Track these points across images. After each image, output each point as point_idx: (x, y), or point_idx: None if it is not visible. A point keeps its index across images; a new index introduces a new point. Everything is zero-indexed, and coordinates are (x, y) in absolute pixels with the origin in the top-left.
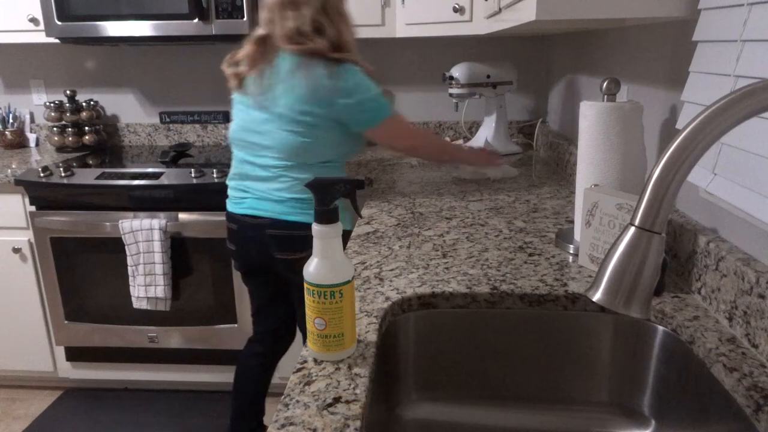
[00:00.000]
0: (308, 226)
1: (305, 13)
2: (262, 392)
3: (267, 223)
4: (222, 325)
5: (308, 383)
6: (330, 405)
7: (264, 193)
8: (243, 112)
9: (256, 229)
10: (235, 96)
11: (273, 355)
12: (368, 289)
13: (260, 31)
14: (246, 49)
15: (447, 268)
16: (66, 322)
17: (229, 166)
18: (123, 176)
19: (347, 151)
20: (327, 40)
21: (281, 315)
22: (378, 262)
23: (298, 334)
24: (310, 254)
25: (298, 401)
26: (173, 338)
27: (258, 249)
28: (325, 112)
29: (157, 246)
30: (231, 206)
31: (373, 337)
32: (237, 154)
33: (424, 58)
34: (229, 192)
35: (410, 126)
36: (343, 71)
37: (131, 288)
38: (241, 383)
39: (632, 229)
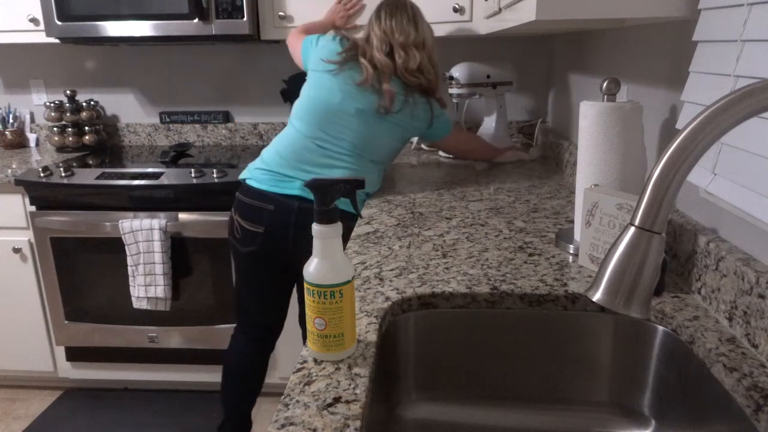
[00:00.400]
0: (352, 217)
1: (420, 56)
2: (257, 389)
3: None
4: (222, 325)
5: (308, 383)
6: (330, 405)
7: (323, 176)
8: (343, 94)
9: (302, 212)
10: (331, 71)
11: (267, 349)
12: (368, 289)
13: (385, 47)
14: (375, 61)
15: (447, 268)
16: (66, 322)
17: (229, 166)
18: (123, 176)
19: (395, 156)
20: (424, 75)
21: (282, 310)
22: (378, 262)
23: (294, 333)
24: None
25: (298, 401)
26: (173, 338)
27: (298, 235)
28: (419, 131)
29: (157, 246)
30: (267, 185)
31: (373, 337)
32: (312, 127)
33: None
34: (264, 171)
35: (466, 133)
36: (436, 104)
37: (131, 288)
38: (236, 382)
39: (632, 229)
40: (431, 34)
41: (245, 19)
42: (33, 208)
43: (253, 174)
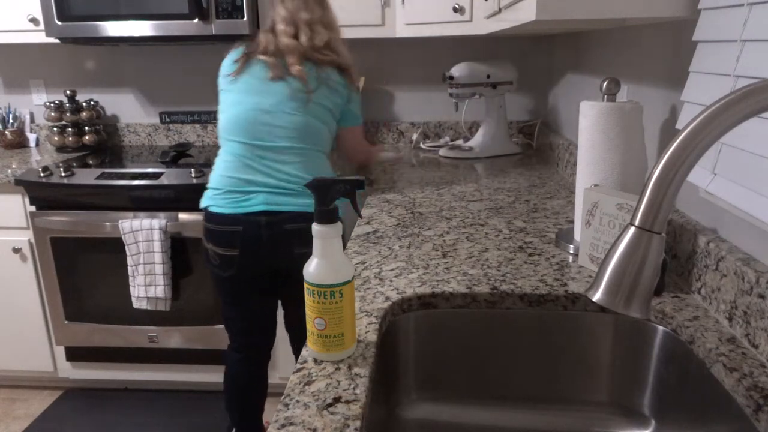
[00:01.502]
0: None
1: (328, 34)
2: (262, 400)
3: (285, 218)
4: (222, 325)
5: (308, 383)
6: (330, 405)
7: (279, 182)
8: (253, 97)
9: (272, 226)
10: (236, 84)
11: (263, 362)
12: (368, 289)
13: (289, 29)
14: (280, 42)
15: (447, 268)
16: (66, 322)
17: None
18: (123, 176)
19: (331, 146)
20: (336, 54)
21: (272, 322)
22: (378, 262)
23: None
24: None
25: (298, 401)
26: (173, 338)
27: (272, 248)
28: (342, 104)
29: (157, 246)
30: (229, 208)
31: (373, 337)
32: (244, 141)
33: (424, 58)
34: (221, 194)
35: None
36: (351, 81)
37: (131, 288)
38: (239, 399)
39: (632, 229)
40: (337, 22)
41: (245, 19)
42: (33, 208)
43: (213, 200)
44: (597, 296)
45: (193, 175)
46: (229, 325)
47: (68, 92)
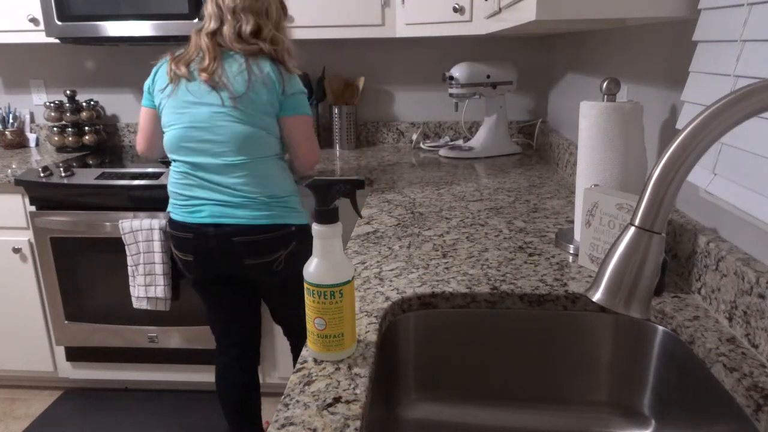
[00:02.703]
0: (276, 227)
1: (252, 19)
2: (255, 400)
3: (232, 231)
4: None
5: (308, 383)
6: (330, 405)
7: (225, 196)
8: (186, 113)
9: (219, 238)
10: (173, 98)
11: (251, 363)
12: (368, 289)
13: (211, 26)
14: (202, 43)
15: (447, 268)
16: (66, 322)
17: None
18: (123, 176)
19: (283, 146)
20: (269, 43)
21: (249, 322)
22: (378, 262)
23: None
24: (284, 253)
25: (298, 401)
26: (173, 338)
27: (223, 256)
28: (277, 100)
29: (157, 246)
30: (182, 216)
31: (373, 337)
32: (185, 160)
33: (424, 58)
34: (177, 201)
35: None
36: (287, 71)
37: (131, 288)
38: (231, 401)
39: (632, 229)
40: (279, 9)
41: None
42: (33, 208)
43: (172, 208)
44: (597, 296)
45: None
46: (212, 327)
47: (68, 92)
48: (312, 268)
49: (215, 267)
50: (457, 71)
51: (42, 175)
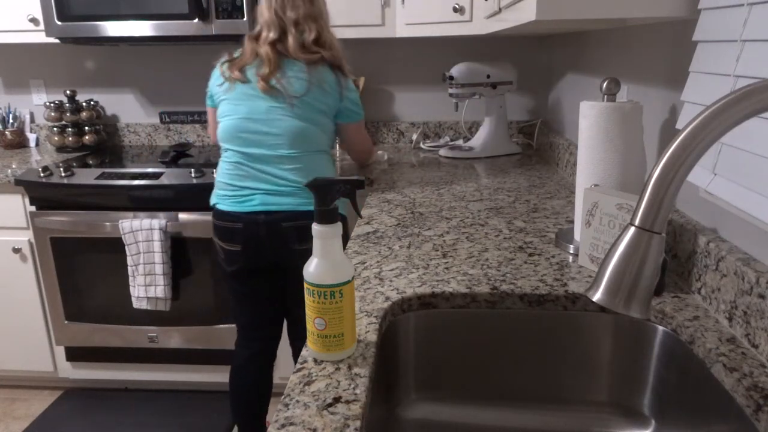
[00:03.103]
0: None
1: (313, 26)
2: (267, 398)
3: (281, 217)
4: (222, 325)
5: (308, 383)
6: (330, 405)
7: (274, 186)
8: (244, 105)
9: (270, 224)
10: (230, 93)
11: (271, 359)
12: (368, 289)
13: (271, 35)
14: (261, 51)
15: (447, 268)
16: (66, 322)
17: None
18: (123, 176)
19: (332, 139)
20: (327, 49)
21: (278, 319)
22: (378, 262)
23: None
24: None
25: (298, 401)
26: (173, 338)
27: (272, 244)
28: (335, 104)
29: (157, 246)
30: (231, 206)
31: (373, 337)
32: (239, 150)
33: (424, 58)
34: (224, 192)
35: (366, 132)
36: (344, 77)
37: (131, 288)
38: (245, 396)
39: (632, 229)
40: (326, 7)
41: (245, 19)
42: (33, 208)
43: (219, 199)
44: (597, 296)
45: (193, 175)
46: (238, 321)
47: (68, 92)
48: (312, 268)
49: (262, 255)
50: (457, 71)
51: (42, 175)
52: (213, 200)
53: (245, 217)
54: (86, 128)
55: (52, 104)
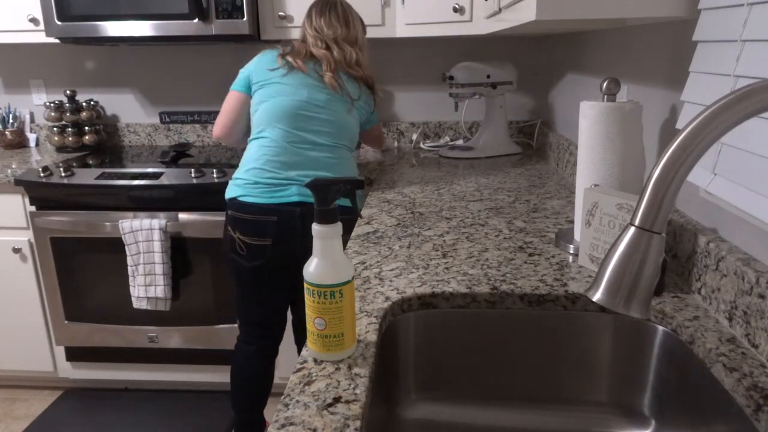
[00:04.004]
0: (349, 210)
1: (351, 50)
2: (268, 393)
3: None
4: (222, 325)
5: (308, 383)
6: (330, 405)
7: (313, 172)
8: (306, 90)
9: (306, 217)
10: (287, 77)
11: (273, 355)
12: (368, 289)
13: (319, 44)
14: (316, 52)
15: (447, 268)
16: (66, 322)
17: (228, 165)
18: (123, 176)
19: (357, 140)
20: (367, 71)
21: (285, 315)
22: (378, 262)
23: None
24: (348, 237)
25: (298, 401)
26: (173, 338)
27: (303, 238)
28: (367, 116)
29: (157, 246)
30: (263, 198)
31: (373, 337)
32: (286, 130)
33: (424, 58)
34: (256, 180)
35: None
36: (376, 94)
37: (131, 288)
38: (247, 391)
39: (632, 229)
40: (363, 35)
41: (245, 19)
42: (33, 208)
43: (245, 190)
44: (597, 296)
45: (193, 175)
46: (246, 317)
47: (68, 92)
48: (312, 268)
49: (292, 250)
50: (457, 71)
51: (42, 175)
52: (234, 192)
53: (281, 209)
54: (86, 128)
55: (52, 104)
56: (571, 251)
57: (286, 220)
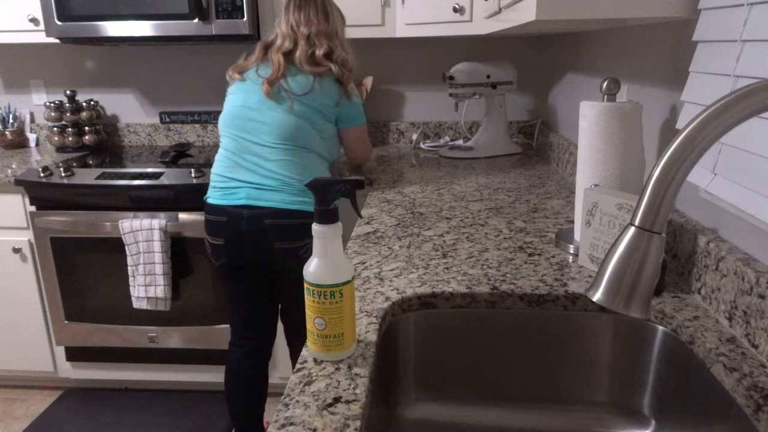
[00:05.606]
0: (307, 214)
1: (325, 42)
2: (263, 397)
3: (264, 214)
4: (222, 325)
5: (308, 383)
6: (330, 405)
7: (262, 179)
8: (244, 94)
9: (252, 220)
10: (231, 88)
11: (264, 359)
12: (368, 289)
13: (285, 45)
14: (273, 58)
15: (447, 268)
16: (66, 322)
17: None
18: (123, 176)
19: (331, 148)
20: (338, 65)
21: (270, 318)
22: (378, 262)
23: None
24: (310, 243)
25: (298, 401)
26: (173, 338)
27: (254, 240)
28: (333, 107)
29: (157, 246)
30: (218, 199)
31: (373, 337)
32: (233, 135)
33: (424, 58)
34: (215, 185)
35: (368, 140)
36: (346, 86)
37: (131, 288)
38: (240, 396)
39: (632, 229)
40: (342, 24)
41: (245, 19)
42: (33, 208)
43: (210, 193)
44: (597, 296)
45: (193, 175)
46: (231, 318)
47: (68, 92)
48: (312, 268)
49: (243, 251)
50: (457, 71)
51: (42, 175)
52: (206, 195)
53: (230, 210)
54: (86, 128)
55: (52, 104)
56: (571, 251)
57: (233, 222)
